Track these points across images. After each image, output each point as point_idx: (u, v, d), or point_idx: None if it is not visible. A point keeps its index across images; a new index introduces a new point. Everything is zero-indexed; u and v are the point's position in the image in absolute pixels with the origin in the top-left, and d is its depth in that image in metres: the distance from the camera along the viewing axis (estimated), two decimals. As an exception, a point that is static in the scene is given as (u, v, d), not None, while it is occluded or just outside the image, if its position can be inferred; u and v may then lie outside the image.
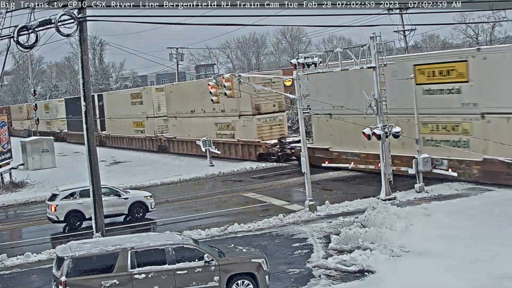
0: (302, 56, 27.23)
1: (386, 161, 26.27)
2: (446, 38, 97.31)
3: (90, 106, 19.08)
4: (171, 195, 33.11)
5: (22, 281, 19.39)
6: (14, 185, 38.77)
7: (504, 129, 25.50)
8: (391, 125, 26.47)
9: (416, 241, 18.55)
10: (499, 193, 24.89)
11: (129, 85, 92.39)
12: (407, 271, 16.61)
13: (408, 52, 50.30)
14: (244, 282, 15.27)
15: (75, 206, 25.70)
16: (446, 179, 27.55)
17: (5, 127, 40.54)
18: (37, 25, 17.37)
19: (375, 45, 26.04)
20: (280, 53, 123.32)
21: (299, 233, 22.02)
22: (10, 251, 22.68)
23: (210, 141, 42.07)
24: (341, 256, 18.09)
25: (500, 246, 17.70)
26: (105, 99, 65.79)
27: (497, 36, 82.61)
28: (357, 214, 22.87)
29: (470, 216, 21.51)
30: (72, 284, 14.20)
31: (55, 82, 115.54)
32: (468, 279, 15.50)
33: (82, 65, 19.00)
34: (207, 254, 15.16)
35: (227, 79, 26.14)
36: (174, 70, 78.52)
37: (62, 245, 15.75)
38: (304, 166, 25.39)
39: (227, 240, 21.62)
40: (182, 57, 78.56)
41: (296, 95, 25.89)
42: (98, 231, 19.08)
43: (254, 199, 29.60)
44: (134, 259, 14.66)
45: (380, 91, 26.29)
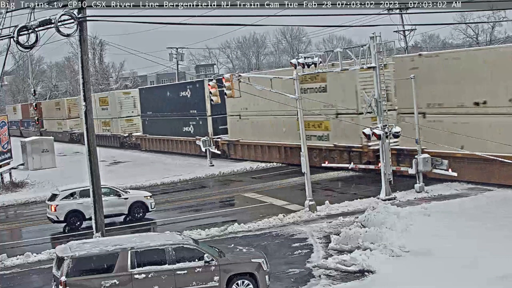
0: (302, 56, 27.24)
1: (386, 161, 26.26)
2: (446, 38, 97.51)
3: (90, 106, 19.07)
4: (171, 195, 33.10)
5: (22, 281, 19.39)
6: (14, 185, 38.77)
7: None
8: (391, 125, 26.51)
9: (416, 241, 18.53)
10: (499, 193, 24.88)
11: (129, 85, 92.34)
12: (407, 271, 16.61)
13: (409, 52, 50.27)
14: (244, 282, 15.27)
15: (75, 206, 25.71)
16: (446, 179, 27.58)
17: (5, 127, 40.54)
18: (37, 25, 17.36)
19: (375, 45, 26.04)
20: (280, 53, 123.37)
21: (299, 233, 22.03)
22: (10, 251, 22.68)
23: (210, 141, 42.05)
24: (341, 256, 18.09)
25: (501, 246, 17.71)
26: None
27: (497, 36, 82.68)
28: (357, 214, 22.87)
29: (471, 216, 21.50)
30: (72, 284, 14.20)
31: (55, 82, 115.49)
32: (468, 279, 15.50)
33: (82, 65, 18.99)
34: (207, 254, 15.16)
35: (227, 79, 26.16)
36: (174, 70, 78.60)
37: (62, 245, 15.75)
38: (304, 166, 25.39)
39: (227, 240, 21.62)
40: (182, 57, 78.73)
41: (296, 95, 25.89)
42: (98, 231, 19.06)
43: (254, 199, 29.60)
44: (134, 259, 14.67)
45: (380, 91, 26.34)
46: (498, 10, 53.24)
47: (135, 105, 58.69)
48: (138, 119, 58.32)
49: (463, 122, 26.85)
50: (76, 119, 70.91)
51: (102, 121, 62.77)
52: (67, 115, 74.06)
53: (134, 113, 59.43)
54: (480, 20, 70.76)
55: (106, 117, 62.48)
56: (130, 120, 60.24)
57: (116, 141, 61.49)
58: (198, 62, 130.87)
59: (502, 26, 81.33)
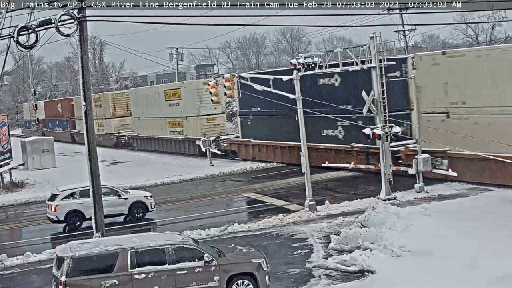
0: (302, 56, 27.23)
1: (386, 161, 26.26)
2: (446, 38, 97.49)
3: (90, 106, 19.07)
4: (171, 195, 33.11)
5: (22, 281, 19.40)
6: (14, 185, 38.76)
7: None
8: (391, 125, 26.50)
9: (416, 241, 18.53)
10: (499, 193, 24.88)
11: (129, 85, 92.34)
12: (407, 271, 16.62)
13: (409, 53, 50.25)
14: (244, 282, 15.28)
15: (75, 206, 25.72)
16: (445, 179, 27.57)
17: (5, 127, 40.54)
18: (37, 25, 17.35)
19: (375, 45, 26.04)
20: (280, 53, 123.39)
21: (299, 233, 22.03)
22: (10, 251, 22.69)
23: (210, 141, 42.02)
24: (341, 256, 18.10)
25: (501, 246, 17.70)
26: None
27: (497, 36, 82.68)
28: (357, 214, 22.88)
29: (470, 216, 21.50)
30: (72, 284, 14.21)
31: (55, 82, 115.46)
32: (468, 279, 15.50)
33: (82, 65, 18.98)
34: (207, 254, 15.16)
35: (227, 79, 26.17)
36: (174, 70, 78.58)
37: (62, 245, 15.76)
38: (304, 166, 25.38)
39: (227, 240, 21.63)
40: (182, 57, 78.70)
41: (296, 95, 25.89)
42: (98, 231, 19.05)
43: (254, 199, 29.60)
44: (134, 259, 14.67)
45: (380, 91, 26.32)
46: (498, 10, 53.24)
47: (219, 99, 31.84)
48: (222, 118, 46.67)
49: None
50: (123, 118, 60.12)
51: (170, 122, 49.97)
52: (111, 114, 60.58)
53: (218, 109, 45.95)
54: (480, 20, 70.82)
55: (176, 115, 49.12)
56: (212, 119, 46.40)
57: (193, 148, 45.70)
58: (198, 62, 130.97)
59: (502, 26, 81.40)
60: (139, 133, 55.82)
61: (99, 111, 59.66)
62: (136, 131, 56.57)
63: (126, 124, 59.72)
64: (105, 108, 61.15)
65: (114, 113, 60.55)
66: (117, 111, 60.60)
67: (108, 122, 61.26)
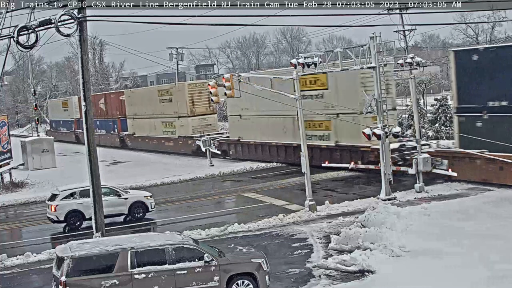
0: (302, 56, 27.23)
1: (386, 161, 26.26)
2: (446, 38, 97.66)
3: (90, 106, 19.07)
4: (171, 195, 33.11)
5: (22, 281, 19.39)
6: (14, 185, 38.75)
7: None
8: (391, 125, 26.50)
9: (416, 241, 18.55)
10: (499, 193, 24.90)
11: (129, 85, 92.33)
12: (407, 271, 16.62)
13: (408, 53, 50.21)
14: (244, 282, 15.28)
15: (75, 206, 25.71)
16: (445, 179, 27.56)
17: (5, 127, 40.53)
18: (37, 25, 17.33)
19: (375, 45, 26.04)
20: (280, 53, 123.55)
21: (299, 233, 22.03)
22: (10, 251, 22.68)
23: (210, 141, 42.02)
24: (341, 256, 18.10)
25: (501, 245, 17.71)
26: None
27: (497, 36, 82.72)
28: (357, 214, 22.88)
29: (470, 216, 21.52)
30: (72, 284, 14.21)
31: (55, 82, 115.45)
32: (468, 279, 15.50)
33: (82, 65, 18.98)
34: (207, 254, 15.16)
35: (227, 79, 26.16)
36: (174, 70, 78.60)
37: (62, 245, 15.75)
38: (304, 166, 25.39)
39: (227, 240, 21.63)
40: (182, 57, 78.71)
41: (296, 95, 25.89)
42: (98, 231, 19.04)
43: (254, 199, 29.60)
44: (134, 259, 14.67)
45: (381, 91, 26.32)
46: (498, 10, 53.22)
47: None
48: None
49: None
50: (204, 117, 47.47)
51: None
52: (188, 111, 47.26)
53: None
54: (480, 20, 70.85)
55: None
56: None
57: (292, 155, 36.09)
58: (198, 62, 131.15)
59: (502, 26, 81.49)
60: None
61: (167, 107, 48.93)
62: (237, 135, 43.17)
63: (208, 125, 47.28)
64: (179, 104, 48.05)
65: (192, 110, 47.31)
66: (196, 108, 47.53)
67: (183, 121, 47.66)
